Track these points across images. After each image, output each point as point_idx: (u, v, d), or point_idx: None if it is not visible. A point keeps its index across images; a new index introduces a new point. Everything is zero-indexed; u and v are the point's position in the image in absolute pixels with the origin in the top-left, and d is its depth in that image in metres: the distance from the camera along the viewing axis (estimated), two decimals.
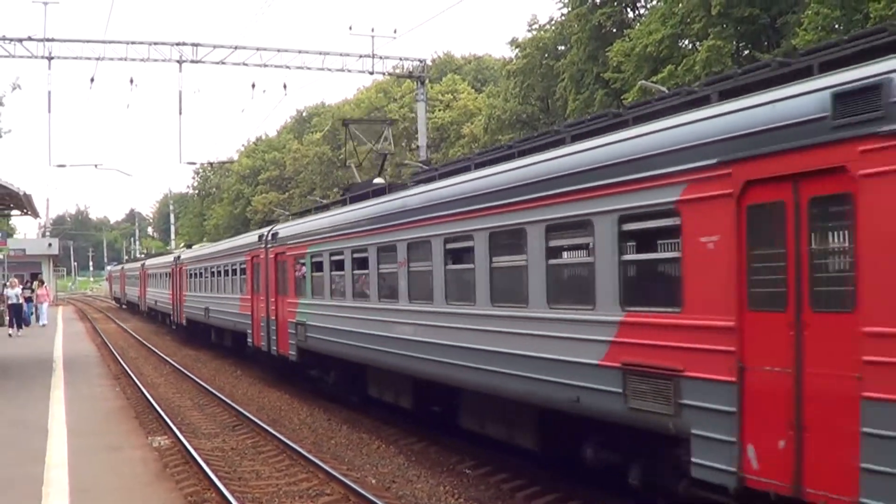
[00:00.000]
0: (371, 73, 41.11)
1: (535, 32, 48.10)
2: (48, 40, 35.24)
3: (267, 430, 15.25)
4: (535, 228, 9.93)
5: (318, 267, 18.11)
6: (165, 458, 13.18)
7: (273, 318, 21.25)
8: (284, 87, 40.52)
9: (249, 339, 23.79)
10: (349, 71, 38.82)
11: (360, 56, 38.48)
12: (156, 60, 36.68)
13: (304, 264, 18.95)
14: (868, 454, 6.16)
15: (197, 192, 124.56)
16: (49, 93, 37.66)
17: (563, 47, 46.25)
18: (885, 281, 6.13)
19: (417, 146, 43.62)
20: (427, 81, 43.54)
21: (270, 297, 21.48)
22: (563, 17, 45.36)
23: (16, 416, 16.56)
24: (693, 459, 7.65)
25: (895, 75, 6.19)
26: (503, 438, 11.86)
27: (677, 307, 7.93)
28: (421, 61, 40.79)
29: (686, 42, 35.91)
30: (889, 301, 6.09)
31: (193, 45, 37.07)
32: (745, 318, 7.17)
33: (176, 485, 11.60)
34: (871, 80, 6.35)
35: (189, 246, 49.89)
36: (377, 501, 10.34)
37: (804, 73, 7.24)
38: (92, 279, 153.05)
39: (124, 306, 68.96)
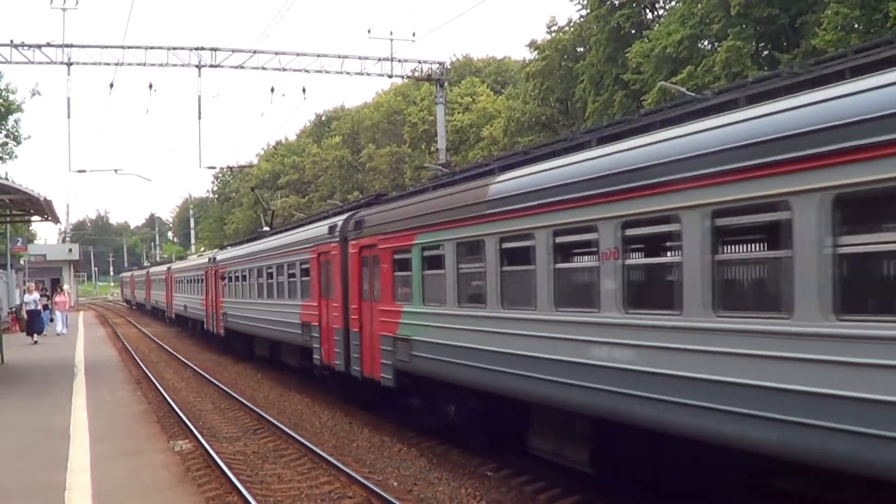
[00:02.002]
0: (390, 77, 41.20)
1: (553, 34, 47.91)
2: (67, 46, 35.40)
3: (288, 434, 15.27)
4: (285, 265, 22.25)
5: (231, 279, 30.16)
6: (187, 462, 13.20)
7: (215, 310, 32.97)
8: (303, 90, 40.96)
9: (205, 325, 35.85)
10: (368, 74, 38.86)
11: (379, 59, 38.52)
12: (175, 65, 36.88)
13: (226, 277, 30.83)
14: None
15: (217, 196, 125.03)
16: (68, 98, 37.40)
17: (582, 49, 46.01)
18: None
19: (437, 149, 43.65)
20: (446, 84, 43.53)
21: (213, 298, 33.24)
22: (581, 19, 45.19)
23: (39, 421, 16.70)
24: (314, 357, 19.44)
25: (339, 221, 17.95)
26: (290, 363, 23.31)
27: (309, 297, 19.83)
28: (440, 64, 40.80)
29: (705, 43, 35.72)
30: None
31: (212, 49, 37.23)
32: (321, 303, 18.81)
33: (198, 488, 11.63)
34: (337, 220, 18.29)
35: (181, 258, 63.48)
36: None
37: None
38: (112, 284, 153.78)
39: (134, 307, 79.31)
